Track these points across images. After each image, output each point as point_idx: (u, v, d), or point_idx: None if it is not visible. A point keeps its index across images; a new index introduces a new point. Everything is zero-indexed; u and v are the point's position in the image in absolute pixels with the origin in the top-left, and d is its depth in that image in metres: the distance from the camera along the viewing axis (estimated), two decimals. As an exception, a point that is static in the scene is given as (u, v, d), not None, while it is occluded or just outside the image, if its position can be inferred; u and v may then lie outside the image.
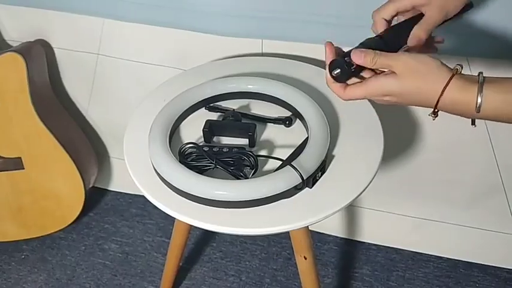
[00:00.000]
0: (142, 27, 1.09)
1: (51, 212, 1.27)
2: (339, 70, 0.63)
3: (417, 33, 0.65)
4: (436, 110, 0.57)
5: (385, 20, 0.68)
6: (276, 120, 0.83)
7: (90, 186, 1.31)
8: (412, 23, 0.66)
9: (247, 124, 0.79)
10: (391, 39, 0.65)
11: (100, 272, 1.26)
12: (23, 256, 1.30)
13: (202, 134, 0.79)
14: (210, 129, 0.79)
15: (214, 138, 0.81)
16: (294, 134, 0.81)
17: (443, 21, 0.66)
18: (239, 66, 0.96)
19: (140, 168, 0.77)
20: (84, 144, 1.29)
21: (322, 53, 1.01)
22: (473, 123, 0.59)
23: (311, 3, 0.96)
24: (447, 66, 0.58)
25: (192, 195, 0.69)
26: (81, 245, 1.32)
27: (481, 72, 0.56)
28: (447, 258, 1.24)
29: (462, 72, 0.57)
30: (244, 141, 0.79)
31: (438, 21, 0.65)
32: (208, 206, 0.69)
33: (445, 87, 0.55)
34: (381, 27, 0.68)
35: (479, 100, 0.54)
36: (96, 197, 1.42)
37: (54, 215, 1.28)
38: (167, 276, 1.13)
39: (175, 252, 1.06)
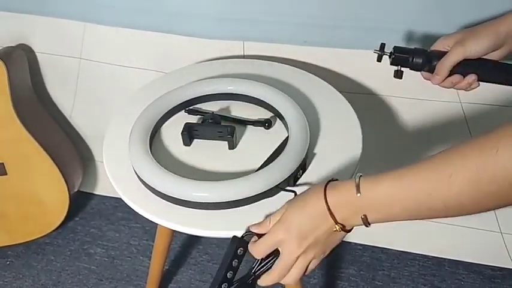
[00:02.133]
0: (124, 31, 1.09)
1: (35, 217, 1.26)
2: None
3: (437, 69, 0.72)
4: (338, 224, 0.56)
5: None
6: (256, 122, 0.83)
7: (75, 190, 1.31)
8: (441, 56, 0.73)
9: (226, 126, 0.78)
10: (419, 57, 0.74)
11: (86, 277, 1.25)
12: (8, 262, 1.29)
13: (181, 137, 0.79)
14: (189, 132, 0.78)
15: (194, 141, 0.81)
16: (274, 136, 0.81)
17: (462, 58, 0.70)
18: (220, 69, 0.97)
19: (119, 172, 0.76)
20: (68, 149, 1.28)
21: (303, 54, 1.03)
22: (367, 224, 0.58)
23: (291, 4, 0.96)
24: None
25: (173, 197, 0.69)
26: (67, 250, 1.31)
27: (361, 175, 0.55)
28: (432, 256, 1.24)
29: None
30: (223, 144, 0.79)
31: (454, 59, 0.70)
32: (187, 208, 0.69)
33: (325, 195, 0.55)
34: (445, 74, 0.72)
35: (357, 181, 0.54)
36: (81, 201, 1.41)
37: (39, 220, 1.27)
38: (152, 280, 1.13)
39: (159, 255, 1.06)
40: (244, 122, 0.83)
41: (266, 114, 0.85)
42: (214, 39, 1.04)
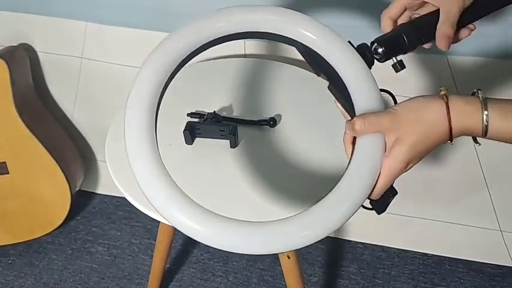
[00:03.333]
0: (124, 30, 1.10)
1: (37, 216, 1.27)
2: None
3: (443, 31, 0.59)
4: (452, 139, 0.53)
5: (392, 20, 0.62)
6: (261, 121, 0.83)
7: (77, 189, 1.31)
8: (431, 19, 0.60)
9: (227, 125, 0.79)
10: (411, 33, 0.60)
11: (87, 276, 1.25)
12: (10, 261, 1.30)
13: (183, 136, 0.79)
14: (191, 131, 0.79)
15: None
16: (277, 136, 0.81)
17: (463, 9, 0.59)
18: (222, 68, 0.97)
19: (122, 171, 0.77)
20: (69, 148, 1.29)
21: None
22: (476, 141, 0.55)
23: (291, 2, 0.97)
24: (432, 96, 0.52)
25: None
26: (68, 248, 1.32)
27: (479, 90, 0.51)
28: (432, 254, 1.25)
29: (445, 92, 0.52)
30: (225, 143, 0.79)
31: (458, 12, 0.59)
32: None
33: (449, 120, 0.51)
34: (388, 28, 0.62)
35: (485, 123, 0.50)
36: (83, 200, 1.42)
37: (40, 219, 1.28)
38: (154, 278, 1.14)
39: (161, 254, 1.07)
40: (248, 122, 0.83)
41: (266, 114, 0.85)
42: (216, 38, 1.04)
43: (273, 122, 0.82)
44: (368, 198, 0.52)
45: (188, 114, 0.85)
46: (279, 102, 0.88)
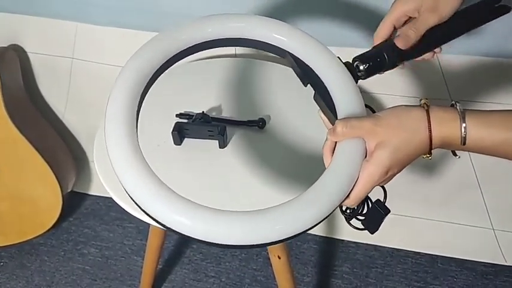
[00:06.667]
0: (115, 31, 1.09)
1: (28, 218, 1.26)
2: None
3: (407, 32, 0.61)
4: (431, 151, 0.53)
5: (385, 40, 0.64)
6: (250, 122, 0.83)
7: (69, 190, 1.31)
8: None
9: (216, 125, 0.79)
10: (391, 50, 0.61)
11: (79, 277, 1.25)
12: (2, 263, 1.29)
13: (171, 136, 0.79)
14: (180, 132, 0.79)
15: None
16: (267, 137, 0.81)
17: (437, 23, 0.62)
18: (212, 67, 0.97)
19: (111, 172, 0.76)
20: (61, 149, 1.28)
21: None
22: (455, 154, 0.56)
23: (284, 2, 0.96)
24: (413, 105, 0.54)
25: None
26: (61, 250, 1.31)
27: (457, 102, 0.52)
28: (425, 253, 1.25)
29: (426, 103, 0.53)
30: (214, 143, 0.79)
31: (432, 23, 0.61)
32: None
33: (429, 127, 0.51)
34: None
35: (463, 132, 0.51)
36: (75, 201, 1.41)
37: (32, 221, 1.27)
38: (145, 279, 1.13)
39: (153, 255, 1.06)
40: (237, 122, 0.83)
41: (256, 115, 0.85)
42: (206, 38, 1.04)
43: (262, 122, 0.82)
44: (345, 205, 0.51)
45: (177, 115, 0.84)
46: (269, 102, 0.88)
